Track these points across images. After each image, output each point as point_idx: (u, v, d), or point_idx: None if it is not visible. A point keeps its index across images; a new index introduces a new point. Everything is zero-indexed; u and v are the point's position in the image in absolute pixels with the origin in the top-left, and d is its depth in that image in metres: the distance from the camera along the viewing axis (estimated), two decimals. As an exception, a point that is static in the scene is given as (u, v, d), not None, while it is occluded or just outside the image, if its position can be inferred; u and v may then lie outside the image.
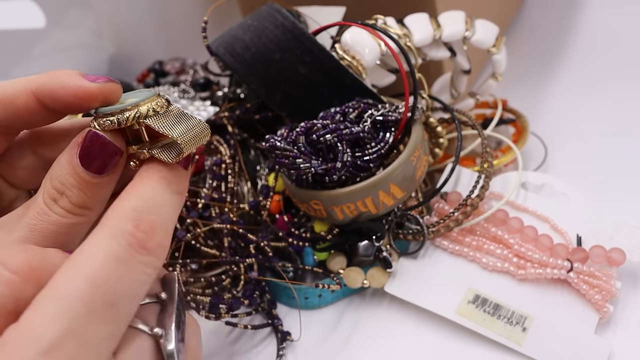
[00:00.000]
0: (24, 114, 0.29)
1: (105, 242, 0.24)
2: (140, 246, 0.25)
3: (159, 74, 0.60)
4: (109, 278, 0.23)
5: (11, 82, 0.29)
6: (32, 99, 0.28)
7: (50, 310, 0.22)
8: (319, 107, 0.43)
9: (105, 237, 0.24)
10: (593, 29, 0.66)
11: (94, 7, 0.61)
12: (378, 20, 0.44)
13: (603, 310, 0.39)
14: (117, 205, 0.26)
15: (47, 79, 0.28)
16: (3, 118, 0.29)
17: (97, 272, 0.23)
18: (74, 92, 0.28)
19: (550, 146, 0.53)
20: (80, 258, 0.24)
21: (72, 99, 0.28)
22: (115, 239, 0.24)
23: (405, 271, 0.43)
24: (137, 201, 0.26)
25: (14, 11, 0.61)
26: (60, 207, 0.27)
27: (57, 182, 0.27)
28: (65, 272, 0.23)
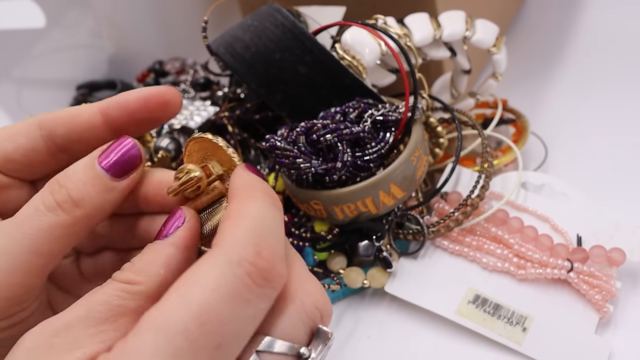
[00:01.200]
0: (85, 130, 0.29)
1: (219, 270, 0.22)
2: (261, 277, 0.23)
3: (159, 74, 0.60)
4: (219, 316, 0.21)
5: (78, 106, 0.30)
6: (97, 115, 0.29)
7: (153, 342, 0.21)
8: (319, 107, 0.43)
9: (221, 264, 0.22)
10: (593, 29, 0.66)
11: (94, 7, 0.61)
12: (378, 20, 0.44)
13: (603, 310, 0.39)
14: (229, 226, 0.24)
15: (115, 96, 0.30)
16: (64, 133, 0.29)
17: (207, 308, 0.21)
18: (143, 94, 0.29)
19: (551, 146, 0.53)
20: (190, 288, 0.22)
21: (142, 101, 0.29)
22: (232, 267, 0.22)
23: (406, 271, 0.43)
24: (251, 221, 0.24)
25: (14, 11, 0.61)
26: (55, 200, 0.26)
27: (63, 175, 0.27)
28: (172, 300, 0.22)
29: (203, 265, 0.22)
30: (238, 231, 0.23)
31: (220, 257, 0.22)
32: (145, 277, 0.24)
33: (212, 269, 0.22)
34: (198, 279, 0.22)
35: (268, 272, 0.23)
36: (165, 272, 0.25)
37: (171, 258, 0.25)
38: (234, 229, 0.23)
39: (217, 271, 0.22)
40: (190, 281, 0.22)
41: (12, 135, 0.29)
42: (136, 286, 0.24)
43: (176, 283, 0.22)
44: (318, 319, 0.25)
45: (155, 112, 0.29)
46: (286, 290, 0.24)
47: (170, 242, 0.26)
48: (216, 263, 0.22)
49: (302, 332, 0.24)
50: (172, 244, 0.26)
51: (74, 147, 0.29)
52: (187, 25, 0.65)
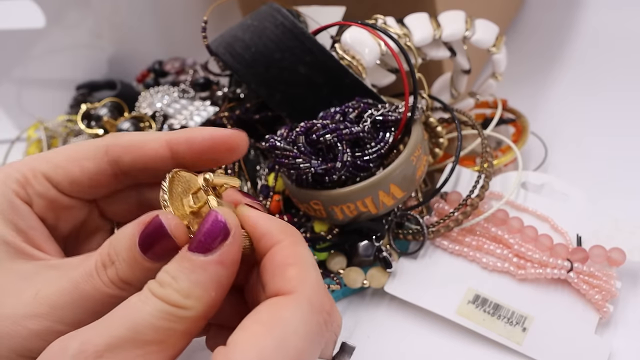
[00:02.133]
0: (151, 160, 0.29)
1: (307, 318, 0.24)
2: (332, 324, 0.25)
3: (158, 74, 0.60)
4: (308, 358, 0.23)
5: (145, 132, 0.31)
6: (164, 146, 0.29)
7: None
8: (319, 107, 0.43)
9: (306, 312, 0.24)
10: (593, 29, 0.66)
11: (94, 7, 0.61)
12: (378, 20, 0.44)
13: (603, 310, 0.39)
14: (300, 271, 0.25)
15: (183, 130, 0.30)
16: (130, 161, 0.29)
17: (301, 351, 0.23)
18: (211, 135, 0.29)
19: (550, 146, 0.53)
20: (285, 331, 0.23)
21: (209, 142, 0.29)
22: (315, 316, 0.24)
23: (405, 271, 0.43)
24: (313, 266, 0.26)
25: (14, 11, 0.61)
26: (107, 275, 0.26)
27: (113, 251, 0.26)
28: (269, 342, 0.23)
29: (290, 310, 0.24)
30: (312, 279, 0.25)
31: (305, 305, 0.24)
32: (195, 302, 0.24)
33: (301, 315, 0.24)
34: (290, 323, 0.23)
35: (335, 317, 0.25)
36: (217, 293, 0.24)
37: (221, 278, 0.25)
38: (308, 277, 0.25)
39: (306, 318, 0.24)
40: (283, 324, 0.23)
41: (79, 158, 0.29)
42: (186, 311, 0.24)
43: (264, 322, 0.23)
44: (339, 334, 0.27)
45: (221, 154, 0.30)
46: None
47: (217, 260, 0.24)
48: (304, 310, 0.24)
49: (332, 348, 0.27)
50: (220, 262, 0.24)
51: (138, 174, 0.30)
52: (186, 25, 0.65)
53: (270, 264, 0.26)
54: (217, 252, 0.24)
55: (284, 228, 0.27)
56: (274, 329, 0.23)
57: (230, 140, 0.29)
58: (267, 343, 0.22)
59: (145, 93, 0.53)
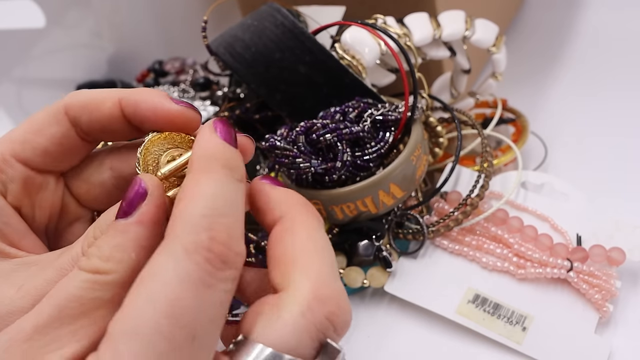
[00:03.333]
0: (107, 121, 0.28)
1: (178, 262, 0.21)
2: (220, 261, 0.22)
3: (158, 74, 0.60)
4: (188, 307, 0.21)
5: (100, 90, 0.28)
6: (117, 107, 0.28)
7: (131, 350, 0.20)
8: (319, 107, 0.43)
9: (178, 255, 0.21)
10: (593, 29, 0.66)
11: (94, 7, 0.61)
12: (378, 20, 0.44)
13: (603, 309, 0.39)
14: (181, 210, 0.22)
15: (133, 92, 0.28)
16: (87, 122, 0.28)
17: (175, 301, 0.20)
18: (154, 109, 0.27)
19: (550, 146, 0.53)
20: (152, 284, 0.21)
21: (151, 115, 0.27)
22: (189, 256, 0.21)
23: (405, 271, 0.43)
24: (204, 202, 0.22)
25: (14, 11, 0.61)
26: None
27: (99, 231, 0.26)
28: (137, 301, 0.21)
29: (159, 258, 0.21)
30: (190, 215, 0.22)
31: (175, 247, 0.21)
32: (116, 265, 0.23)
33: (169, 261, 0.21)
34: (157, 273, 0.21)
35: (225, 255, 0.22)
36: (137, 255, 0.23)
37: (140, 238, 0.23)
38: (186, 213, 0.22)
39: (175, 262, 0.21)
40: (150, 277, 0.21)
41: (42, 127, 0.28)
42: (107, 276, 0.23)
43: (136, 281, 0.21)
44: (329, 331, 0.23)
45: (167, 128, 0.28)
46: (297, 296, 0.23)
47: (136, 220, 0.23)
48: (172, 253, 0.21)
49: (309, 346, 0.23)
50: (138, 222, 0.23)
51: (99, 134, 0.29)
52: (186, 25, 0.65)
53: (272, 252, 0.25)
54: (136, 213, 0.24)
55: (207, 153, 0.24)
56: (142, 285, 0.21)
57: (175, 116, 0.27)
58: (134, 303, 0.20)
59: (145, 93, 0.53)
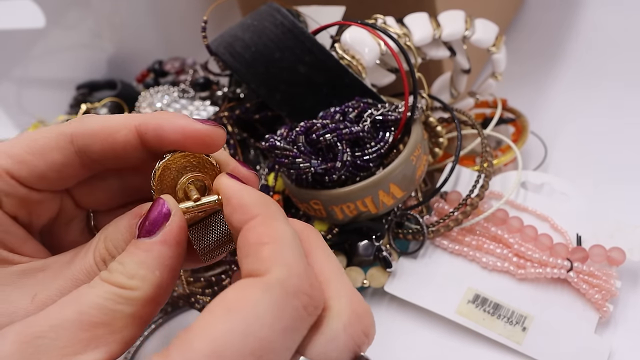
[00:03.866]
0: (121, 149, 0.27)
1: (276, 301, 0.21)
2: (314, 307, 0.22)
3: (158, 74, 0.60)
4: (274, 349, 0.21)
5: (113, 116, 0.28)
6: (134, 134, 0.27)
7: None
8: (319, 107, 0.43)
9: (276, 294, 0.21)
10: (593, 28, 0.66)
11: (94, 7, 0.61)
12: (378, 20, 0.44)
13: (603, 309, 0.39)
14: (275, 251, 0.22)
15: (154, 116, 0.27)
16: (99, 150, 0.27)
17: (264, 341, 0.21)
18: (183, 130, 0.27)
19: (550, 146, 0.53)
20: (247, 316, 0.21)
21: (180, 137, 0.27)
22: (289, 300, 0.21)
23: (405, 271, 0.43)
24: (291, 246, 0.23)
25: (14, 11, 0.61)
26: None
27: (111, 245, 0.26)
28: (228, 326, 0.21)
29: (258, 293, 0.21)
30: (288, 259, 0.22)
31: (277, 288, 0.21)
32: (140, 282, 0.23)
33: (270, 300, 0.21)
34: (256, 308, 0.21)
35: (319, 301, 0.23)
36: (161, 273, 0.24)
37: (164, 257, 0.24)
38: (282, 256, 0.22)
39: (276, 303, 0.21)
40: (247, 309, 0.21)
41: (42, 150, 0.27)
42: (132, 292, 0.23)
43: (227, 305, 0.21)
44: (364, 345, 0.24)
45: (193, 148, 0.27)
46: (339, 312, 0.23)
47: (160, 239, 0.24)
48: (274, 294, 0.21)
49: (347, 358, 0.23)
50: (162, 241, 0.24)
51: (109, 161, 0.28)
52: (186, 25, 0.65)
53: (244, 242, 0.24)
54: (160, 233, 0.24)
55: (261, 200, 0.25)
56: (235, 314, 0.21)
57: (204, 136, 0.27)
58: (224, 328, 0.20)
59: (145, 93, 0.54)
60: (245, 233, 0.24)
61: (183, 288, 0.43)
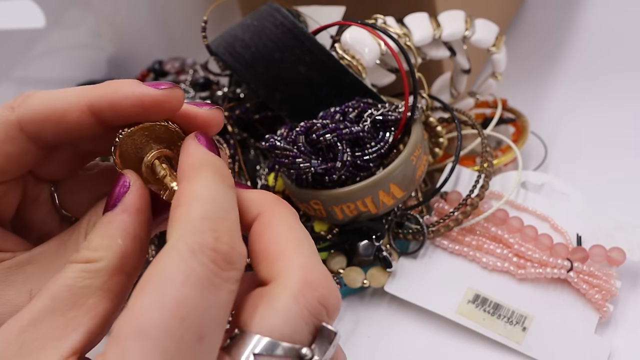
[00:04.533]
0: (76, 131, 0.26)
1: (184, 262, 0.21)
2: (225, 261, 0.22)
3: (158, 74, 0.60)
4: (195, 307, 0.20)
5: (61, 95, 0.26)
6: (87, 114, 0.26)
7: (139, 349, 0.20)
8: (319, 107, 0.43)
9: (183, 255, 0.21)
10: (593, 28, 0.66)
11: (94, 7, 0.61)
12: (378, 20, 0.44)
13: (603, 309, 0.39)
14: (181, 214, 0.22)
15: (105, 91, 0.26)
16: (53, 134, 0.26)
17: (182, 301, 0.20)
18: (141, 101, 0.25)
19: (550, 146, 0.53)
20: (158, 285, 0.20)
21: (138, 109, 0.26)
22: (195, 257, 0.21)
23: (405, 271, 0.43)
24: (204, 206, 0.22)
25: (14, 11, 0.61)
26: None
27: None
28: (144, 301, 0.20)
29: (165, 258, 0.21)
30: (192, 217, 0.22)
31: (180, 248, 0.21)
32: (104, 252, 0.23)
33: (174, 261, 0.21)
34: (164, 273, 0.21)
35: (229, 254, 0.22)
36: (124, 241, 0.24)
37: (126, 225, 0.24)
38: (187, 216, 0.22)
39: (181, 263, 0.21)
40: (157, 277, 0.21)
41: None
42: (96, 263, 0.23)
43: (141, 281, 0.21)
44: (323, 315, 0.23)
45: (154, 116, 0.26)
46: (287, 283, 0.23)
47: (120, 209, 0.25)
48: (177, 254, 0.21)
49: (305, 331, 0.23)
50: (122, 211, 0.25)
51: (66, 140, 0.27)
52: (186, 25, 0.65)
53: None
54: (119, 204, 0.25)
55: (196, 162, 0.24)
56: (148, 286, 0.21)
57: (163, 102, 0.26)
58: (141, 304, 0.20)
59: (145, 93, 0.53)
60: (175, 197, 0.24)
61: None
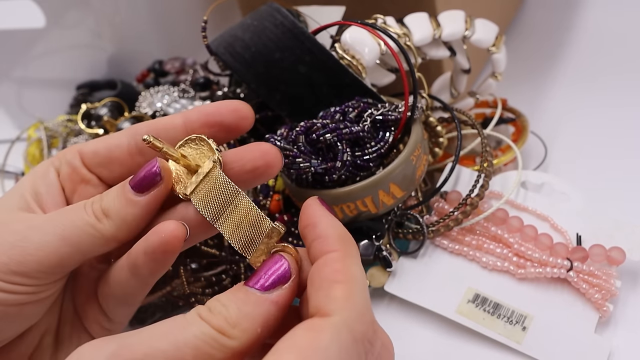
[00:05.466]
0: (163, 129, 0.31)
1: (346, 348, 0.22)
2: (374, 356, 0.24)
3: (158, 74, 0.60)
4: None
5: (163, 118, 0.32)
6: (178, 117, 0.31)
7: None
8: (319, 107, 0.43)
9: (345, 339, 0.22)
10: (593, 28, 0.66)
11: (94, 7, 0.61)
12: (378, 20, 0.44)
13: (603, 309, 0.39)
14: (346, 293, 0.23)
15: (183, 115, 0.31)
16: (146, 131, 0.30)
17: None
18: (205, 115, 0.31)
19: (550, 145, 0.53)
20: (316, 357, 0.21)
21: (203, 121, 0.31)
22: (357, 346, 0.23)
23: (405, 270, 0.43)
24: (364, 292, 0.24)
25: (14, 11, 0.61)
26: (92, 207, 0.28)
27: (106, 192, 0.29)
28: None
29: (328, 335, 0.22)
30: (357, 303, 0.23)
31: (345, 333, 0.22)
32: (241, 333, 0.23)
33: (338, 344, 0.22)
34: (322, 353, 0.21)
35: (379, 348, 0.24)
36: (262, 331, 0.24)
37: (271, 317, 0.24)
38: (352, 300, 0.23)
39: (342, 347, 0.22)
40: (318, 352, 0.21)
41: (104, 138, 0.31)
42: (230, 340, 0.23)
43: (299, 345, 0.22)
44: None
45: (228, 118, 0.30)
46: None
47: (274, 300, 0.24)
48: (342, 338, 0.22)
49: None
50: (274, 302, 0.24)
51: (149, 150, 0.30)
52: (186, 25, 0.65)
53: (318, 275, 0.24)
54: (275, 293, 0.24)
55: (343, 236, 0.25)
56: (306, 355, 0.21)
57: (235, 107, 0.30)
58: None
59: (146, 93, 0.54)
60: (322, 265, 0.24)
61: (183, 288, 0.43)
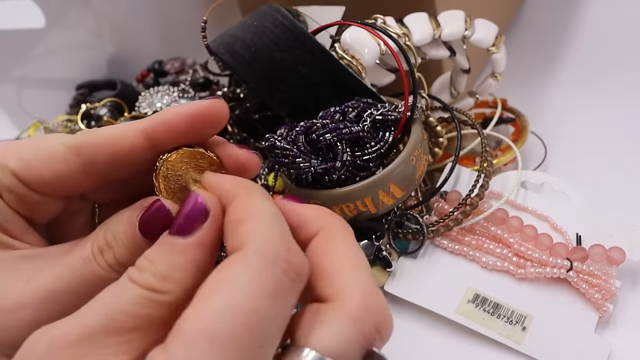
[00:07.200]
0: (128, 154, 0.27)
1: (258, 273, 0.21)
2: (296, 274, 0.22)
3: (158, 74, 0.60)
4: (264, 318, 0.21)
5: (120, 125, 0.28)
6: (140, 138, 0.27)
7: (205, 353, 0.20)
8: (319, 107, 0.43)
9: (257, 266, 0.22)
10: (593, 28, 0.66)
11: (94, 7, 0.61)
12: (377, 20, 0.44)
13: (603, 309, 0.39)
14: (251, 225, 0.23)
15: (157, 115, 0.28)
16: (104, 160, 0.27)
17: (253, 311, 0.21)
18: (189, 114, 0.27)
19: (550, 145, 0.53)
20: (231, 292, 0.21)
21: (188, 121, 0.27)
22: (269, 267, 0.22)
23: (405, 270, 0.43)
24: (271, 220, 0.23)
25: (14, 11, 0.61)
26: (104, 259, 0.26)
27: (111, 236, 0.26)
28: (215, 306, 0.21)
29: (238, 267, 0.22)
30: (263, 230, 0.23)
31: (255, 258, 0.22)
32: (173, 285, 0.23)
33: (250, 271, 0.21)
34: (237, 282, 0.21)
35: (300, 267, 0.23)
36: (195, 277, 0.23)
37: (200, 261, 0.24)
38: (258, 228, 0.23)
39: (255, 273, 0.21)
40: (230, 285, 0.21)
41: (48, 159, 0.27)
42: (163, 296, 0.23)
43: (212, 286, 0.21)
44: (376, 341, 0.24)
45: (203, 130, 0.28)
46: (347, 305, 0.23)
47: (196, 242, 0.24)
48: (253, 264, 0.22)
49: (356, 354, 0.23)
50: (198, 244, 0.24)
51: (114, 172, 0.28)
52: (186, 25, 0.65)
53: (226, 223, 0.24)
54: (196, 234, 0.24)
55: (239, 183, 0.25)
56: (221, 292, 0.21)
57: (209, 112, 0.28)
58: (213, 309, 0.21)
59: (145, 93, 0.54)
60: (227, 214, 0.24)
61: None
